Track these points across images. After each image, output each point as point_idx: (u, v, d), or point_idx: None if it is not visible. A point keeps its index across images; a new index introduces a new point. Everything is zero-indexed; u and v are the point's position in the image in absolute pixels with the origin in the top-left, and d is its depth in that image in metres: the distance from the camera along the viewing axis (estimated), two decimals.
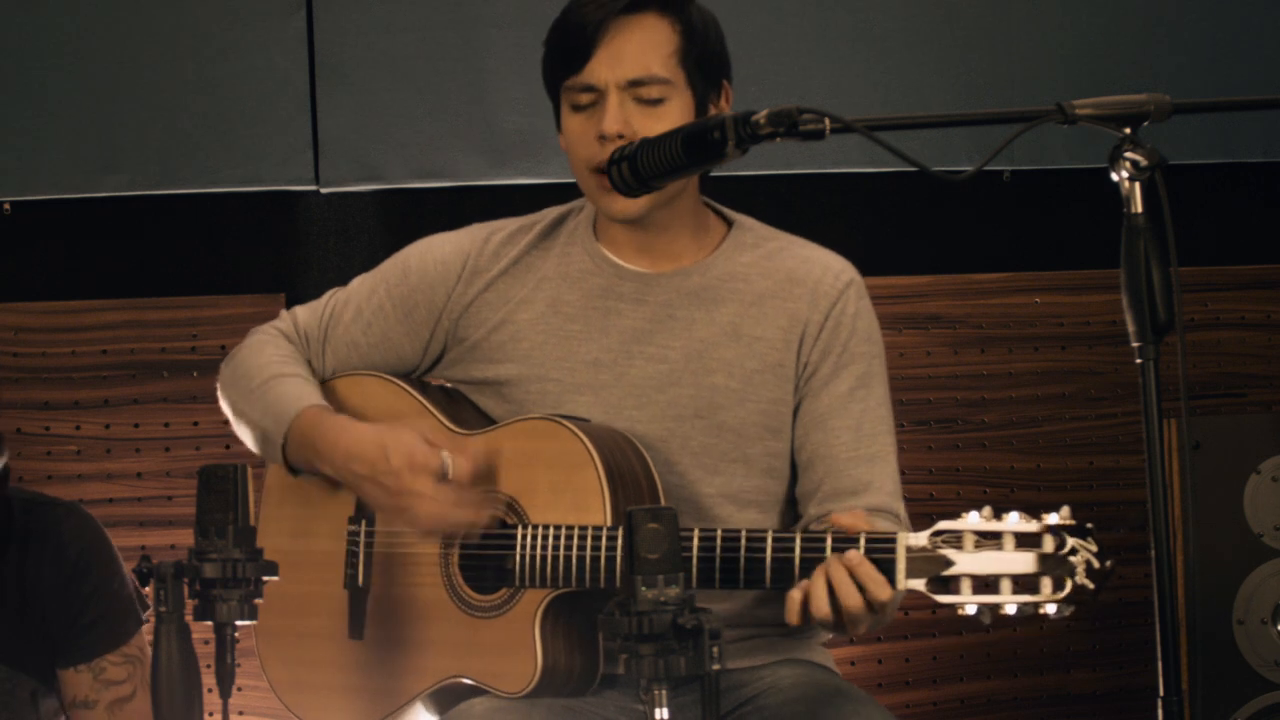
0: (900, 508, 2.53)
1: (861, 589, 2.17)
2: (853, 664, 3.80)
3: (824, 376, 2.54)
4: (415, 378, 2.67)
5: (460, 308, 2.61)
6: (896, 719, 2.42)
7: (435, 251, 2.65)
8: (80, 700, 2.78)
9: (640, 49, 2.47)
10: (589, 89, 2.48)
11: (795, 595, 2.21)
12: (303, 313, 2.70)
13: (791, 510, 2.58)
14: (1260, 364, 3.99)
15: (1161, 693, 1.93)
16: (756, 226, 2.65)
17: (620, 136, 2.43)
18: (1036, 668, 3.90)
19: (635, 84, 2.46)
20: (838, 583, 2.18)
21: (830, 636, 2.60)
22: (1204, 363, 3.95)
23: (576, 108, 2.50)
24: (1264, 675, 3.45)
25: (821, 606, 2.18)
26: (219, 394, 2.68)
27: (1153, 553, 1.93)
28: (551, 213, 2.67)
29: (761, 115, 2.14)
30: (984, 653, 3.89)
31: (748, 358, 2.54)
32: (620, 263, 2.59)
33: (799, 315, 2.55)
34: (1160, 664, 1.93)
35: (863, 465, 2.51)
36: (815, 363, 2.55)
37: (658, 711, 1.95)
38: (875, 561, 2.17)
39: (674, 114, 2.47)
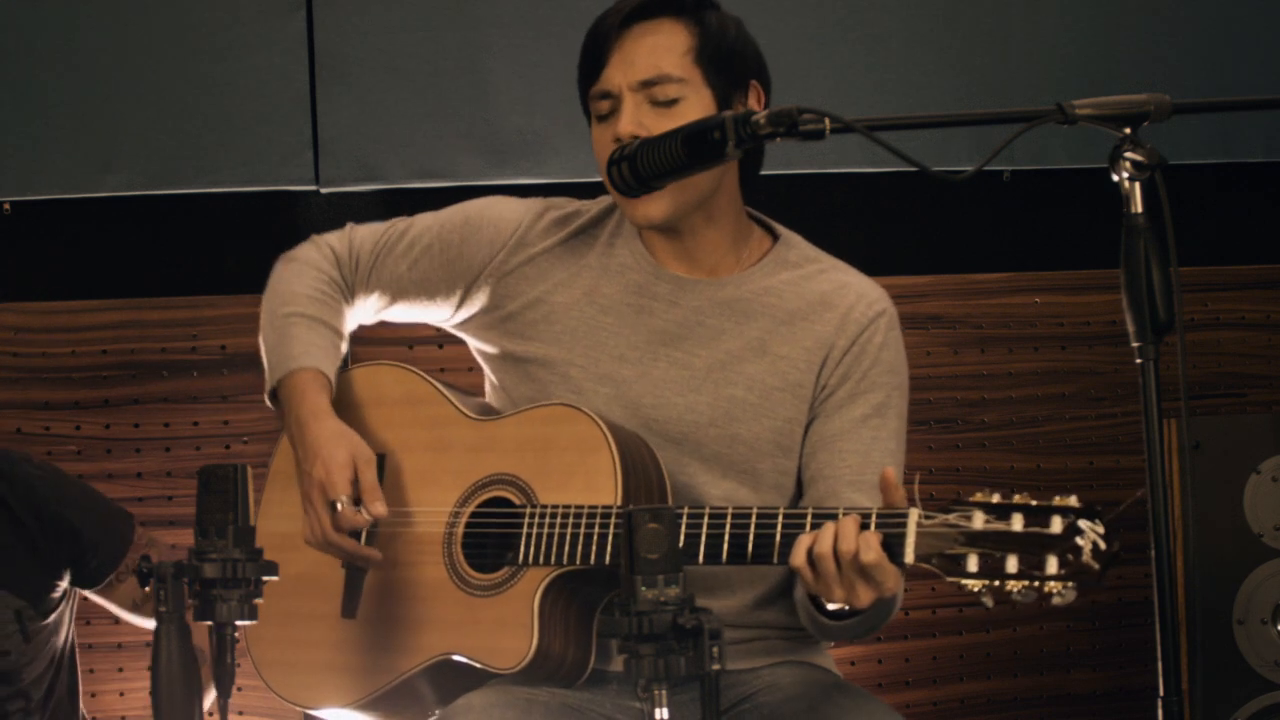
0: None
1: (860, 549, 2.15)
2: (853, 664, 3.80)
3: (839, 400, 2.53)
4: (449, 328, 2.69)
5: (499, 273, 2.62)
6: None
7: (494, 210, 2.67)
8: (138, 601, 2.98)
9: (651, 51, 2.47)
10: (606, 95, 2.49)
11: (804, 537, 2.20)
12: (363, 232, 2.72)
13: None
14: (1260, 364, 3.99)
15: (1161, 693, 1.94)
16: (802, 245, 2.64)
17: (635, 139, 2.38)
18: (1036, 668, 3.90)
19: (648, 84, 2.46)
20: (843, 535, 2.16)
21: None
22: (1204, 363, 3.94)
23: (599, 117, 2.52)
24: (1264, 675, 3.45)
25: (825, 543, 2.17)
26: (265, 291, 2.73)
27: (1153, 553, 1.93)
28: (605, 201, 2.67)
29: (761, 115, 2.14)
30: (984, 653, 3.88)
31: (769, 374, 2.53)
32: (660, 264, 2.59)
33: (825, 338, 2.54)
34: (1160, 664, 1.94)
35: (863, 491, 2.45)
36: (833, 386, 2.53)
37: (658, 712, 1.95)
38: (885, 535, 2.16)
39: (691, 114, 2.44)
